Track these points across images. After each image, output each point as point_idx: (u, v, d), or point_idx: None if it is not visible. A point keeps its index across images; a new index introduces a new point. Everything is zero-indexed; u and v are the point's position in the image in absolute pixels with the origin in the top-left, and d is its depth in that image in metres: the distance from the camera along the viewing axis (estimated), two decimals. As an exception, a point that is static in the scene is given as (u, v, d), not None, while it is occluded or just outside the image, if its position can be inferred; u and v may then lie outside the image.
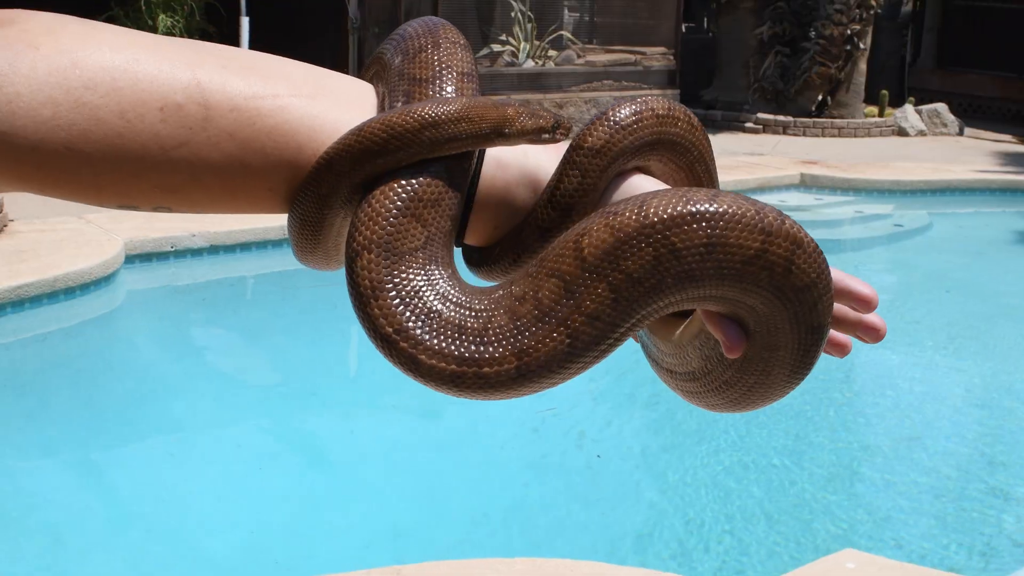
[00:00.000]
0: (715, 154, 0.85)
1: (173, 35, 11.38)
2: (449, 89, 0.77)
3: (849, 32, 14.17)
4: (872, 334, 0.82)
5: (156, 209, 0.76)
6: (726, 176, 10.01)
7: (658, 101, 0.82)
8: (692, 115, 0.83)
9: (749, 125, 14.20)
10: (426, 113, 0.72)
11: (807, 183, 10.73)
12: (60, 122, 0.70)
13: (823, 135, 14.09)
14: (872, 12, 14.38)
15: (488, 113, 0.74)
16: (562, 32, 13.60)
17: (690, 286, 0.71)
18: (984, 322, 7.41)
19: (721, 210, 0.70)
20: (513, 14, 12.96)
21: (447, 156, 0.75)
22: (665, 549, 4.25)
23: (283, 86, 0.75)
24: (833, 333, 0.82)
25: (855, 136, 14.18)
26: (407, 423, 5.49)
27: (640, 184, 0.79)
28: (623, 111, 0.80)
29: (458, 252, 0.80)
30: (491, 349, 0.72)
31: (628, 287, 0.71)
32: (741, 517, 4.49)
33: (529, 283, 0.72)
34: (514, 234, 0.79)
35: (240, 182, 0.75)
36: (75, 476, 4.95)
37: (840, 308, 0.80)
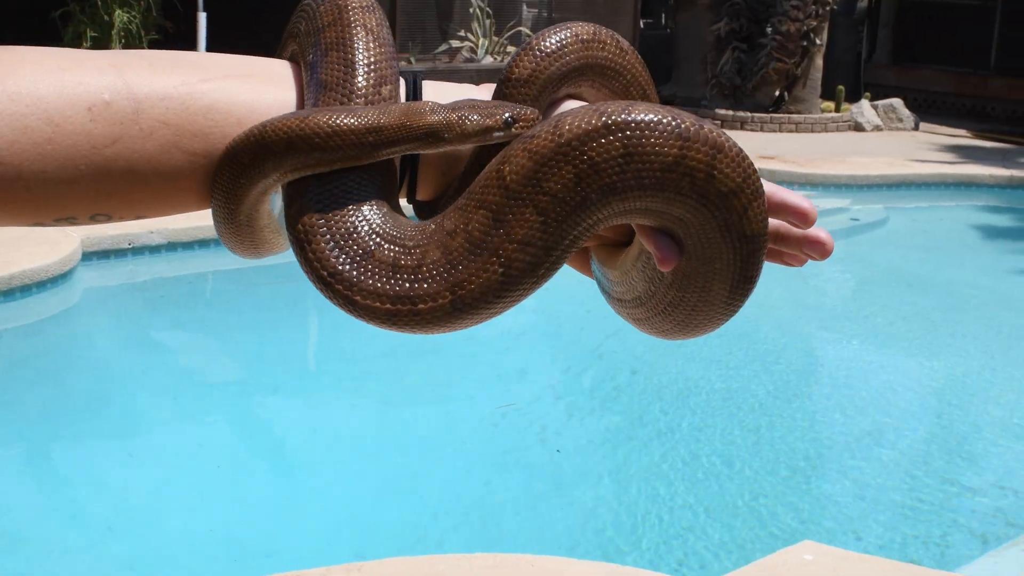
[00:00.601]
0: None
1: (130, 31, 11.35)
2: (360, 58, 0.76)
3: (805, 28, 14.28)
4: (818, 248, 0.79)
5: (94, 219, 0.74)
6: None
7: (583, 27, 0.82)
8: (621, 39, 0.83)
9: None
10: (365, 122, 0.72)
11: (765, 178, 10.63)
12: None
13: (780, 130, 14.19)
14: (828, 8, 14.50)
15: (426, 119, 0.74)
16: (520, 28, 13.62)
17: (614, 199, 0.70)
18: (940, 315, 7.49)
19: (635, 119, 0.69)
20: (472, 10, 12.97)
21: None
22: (625, 543, 4.27)
23: (213, 70, 0.75)
24: (779, 249, 0.81)
25: (812, 131, 14.29)
26: (368, 420, 5.48)
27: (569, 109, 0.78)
28: (547, 40, 0.80)
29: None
30: (425, 286, 0.72)
31: (555, 208, 0.70)
32: (701, 510, 4.51)
33: (459, 216, 0.72)
34: (459, 179, 0.79)
35: (180, 170, 0.73)
36: (33, 476, 4.90)
37: (781, 224, 0.79)
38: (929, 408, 5.96)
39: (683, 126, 0.69)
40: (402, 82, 0.79)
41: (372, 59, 0.76)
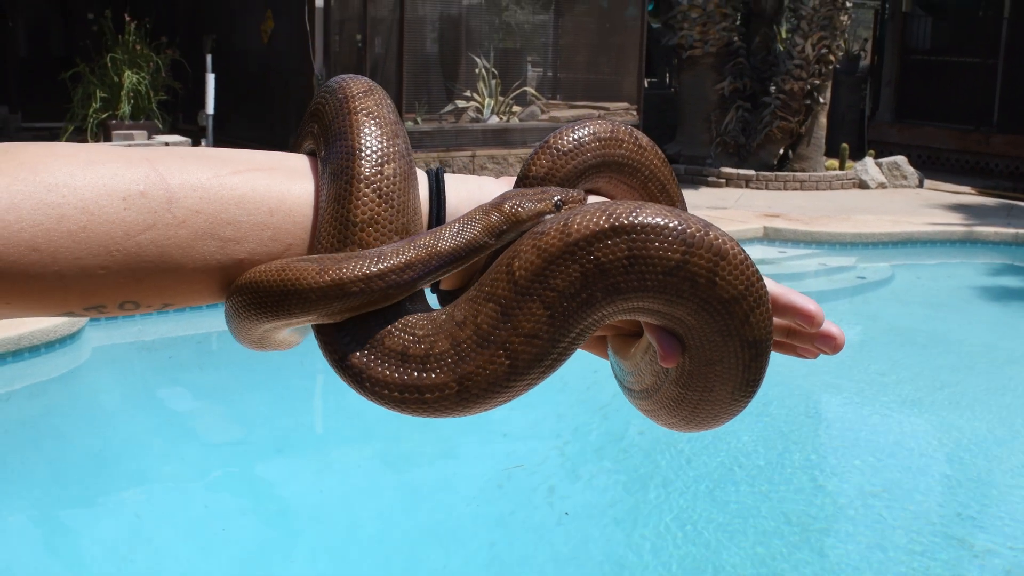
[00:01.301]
0: None
1: (139, 91, 11.45)
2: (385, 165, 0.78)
3: (809, 87, 14.36)
4: (830, 344, 0.81)
5: (123, 307, 0.75)
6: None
7: (601, 125, 0.85)
8: (641, 136, 0.86)
9: (712, 179, 14.32)
10: (440, 251, 0.75)
11: (770, 236, 10.81)
12: (23, 224, 0.70)
13: (785, 188, 14.22)
14: (831, 67, 14.59)
15: (485, 226, 0.76)
16: (526, 88, 13.71)
17: (618, 299, 0.72)
18: (948, 373, 7.46)
19: (640, 222, 0.71)
20: (477, 70, 13.06)
21: None
22: (636, 606, 4.23)
23: (240, 164, 0.77)
24: (792, 343, 0.83)
25: (817, 189, 14.32)
26: (374, 480, 5.45)
27: None
28: (565, 138, 0.83)
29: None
30: (432, 376, 0.74)
31: (561, 303, 0.72)
32: (711, 572, 4.48)
33: (469, 308, 0.74)
34: (481, 271, 0.80)
35: (211, 257, 0.75)
36: (40, 538, 4.87)
37: (790, 325, 0.81)
38: (938, 468, 5.92)
39: (688, 231, 0.71)
40: (424, 177, 0.81)
41: (373, 142, 0.77)
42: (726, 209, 12.02)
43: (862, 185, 14.64)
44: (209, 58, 11.67)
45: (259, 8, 13.91)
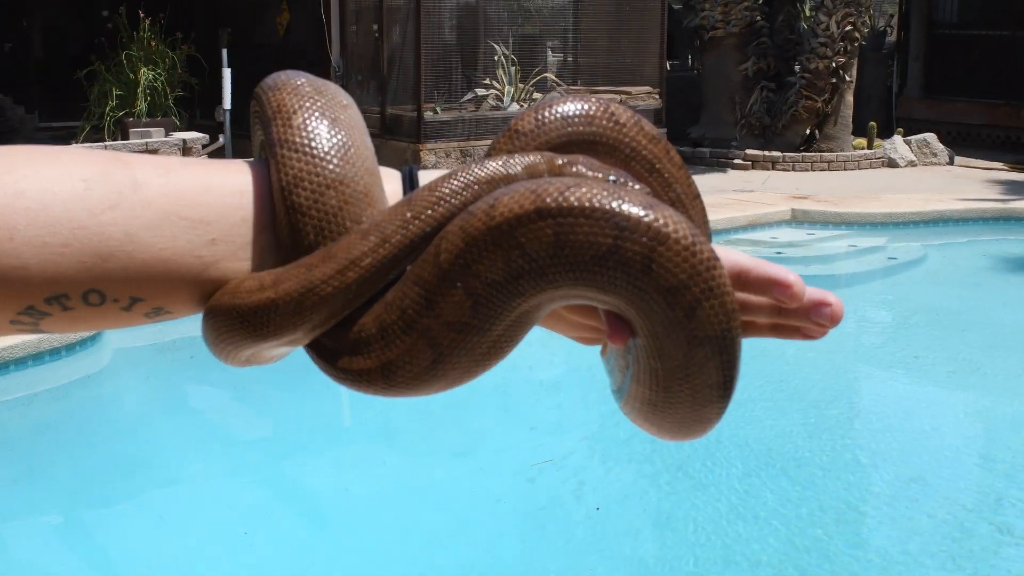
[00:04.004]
0: (703, 191, 0.78)
1: (155, 88, 11.45)
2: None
3: (834, 65, 14.22)
4: (824, 314, 0.72)
5: (87, 298, 0.70)
6: (717, 214, 9.99)
7: (571, 101, 0.78)
8: (618, 110, 0.78)
9: (738, 161, 14.22)
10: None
11: (799, 218, 10.71)
12: None
13: (812, 169, 14.11)
14: (856, 44, 14.44)
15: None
16: (546, 74, 13.64)
17: (548, 287, 0.67)
18: (983, 353, 7.36)
19: (569, 204, 0.65)
20: (497, 58, 12.99)
21: None
22: (668, 603, 4.18)
23: (198, 161, 0.75)
24: (788, 324, 0.75)
25: (845, 169, 14.20)
26: (400, 477, 5.44)
27: None
28: (526, 119, 0.77)
29: None
30: (359, 360, 0.71)
31: (486, 292, 0.67)
32: (745, 563, 4.43)
33: (399, 288, 0.70)
34: None
35: (179, 238, 0.71)
36: (65, 541, 4.88)
37: (773, 303, 0.73)
38: (976, 451, 5.85)
39: (623, 213, 0.64)
40: (397, 175, 0.77)
41: (280, 104, 0.75)
42: (753, 192, 11.92)
43: (891, 164, 14.50)
44: (225, 53, 11.67)
45: (274, 1, 13.91)
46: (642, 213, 0.64)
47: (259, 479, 5.52)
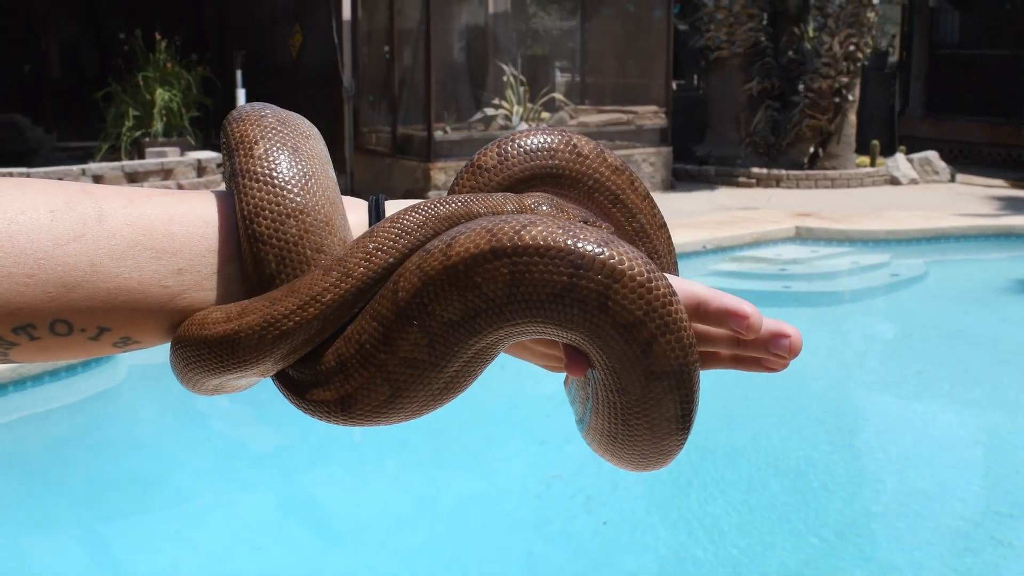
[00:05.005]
0: (709, 208, 0.80)
1: (171, 108, 11.53)
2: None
3: (837, 85, 14.29)
4: (782, 345, 0.71)
5: (54, 328, 0.70)
6: (722, 232, 10.04)
7: (534, 134, 0.78)
8: (581, 143, 0.79)
9: (742, 179, 14.27)
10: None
11: (802, 235, 10.75)
12: None
13: (816, 187, 14.15)
14: (859, 64, 14.51)
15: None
16: (554, 94, 13.70)
17: (504, 325, 0.67)
18: (986, 370, 7.38)
19: (524, 243, 0.65)
20: (505, 78, 13.06)
21: None
22: (676, 614, 4.21)
23: (170, 193, 0.75)
24: (749, 356, 0.74)
25: (848, 187, 14.24)
26: (412, 491, 5.45)
27: None
28: (489, 154, 0.77)
29: None
30: (320, 392, 0.71)
31: (442, 331, 0.67)
32: (750, 577, 4.46)
33: (358, 322, 0.70)
34: None
35: (144, 268, 0.71)
36: (81, 555, 4.91)
37: (731, 334, 0.73)
38: (979, 466, 5.86)
39: (578, 250, 0.65)
40: (364, 205, 0.77)
41: (242, 135, 0.75)
42: (757, 209, 11.97)
43: (894, 181, 14.55)
44: (239, 74, 11.73)
45: (288, 23, 14.00)
46: (597, 250, 0.64)
47: (273, 494, 5.53)
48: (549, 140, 0.78)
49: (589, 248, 0.65)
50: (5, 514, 5.10)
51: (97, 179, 10.09)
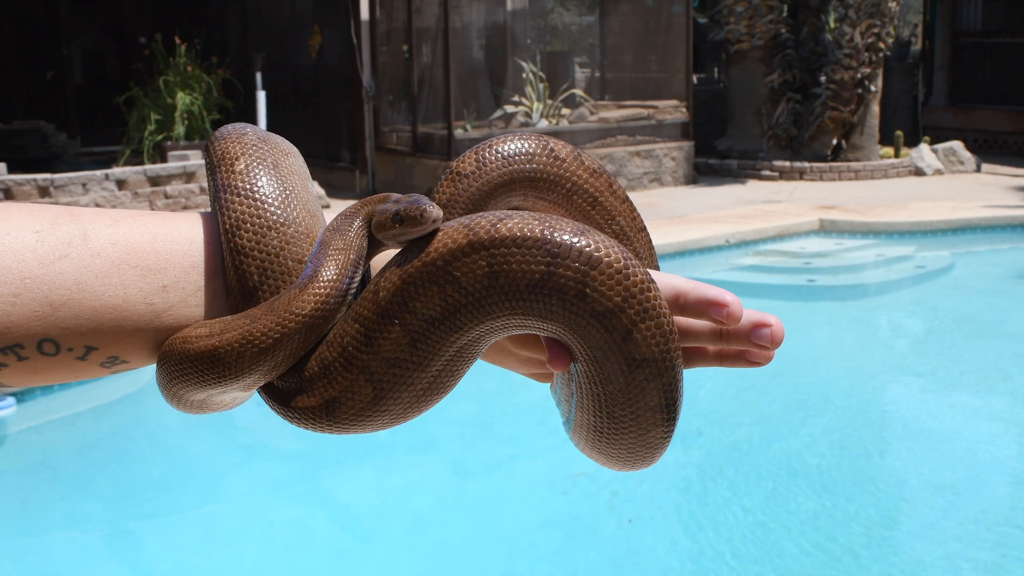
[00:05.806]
0: (732, 202, 0.80)
1: (192, 112, 11.59)
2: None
3: (859, 76, 14.22)
4: (764, 335, 0.72)
5: (41, 348, 0.71)
6: (745, 225, 10.01)
7: (511, 139, 0.79)
8: (558, 147, 0.79)
9: (765, 172, 14.22)
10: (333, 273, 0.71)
11: (827, 228, 10.70)
12: None
13: (840, 179, 14.09)
14: (881, 54, 14.43)
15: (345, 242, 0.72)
16: (574, 90, 13.69)
17: (486, 319, 0.67)
18: (1012, 361, 7.33)
19: (501, 235, 0.65)
20: (525, 75, 13.06)
21: None
22: (702, 611, 4.20)
23: (155, 213, 0.76)
24: (734, 349, 0.74)
25: (872, 178, 14.17)
26: (437, 490, 5.47)
27: None
28: (467, 160, 0.77)
29: None
30: (304, 398, 0.72)
31: (424, 329, 0.68)
32: (776, 574, 4.44)
33: (339, 327, 0.71)
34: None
35: (130, 286, 0.71)
36: (109, 556, 4.93)
37: (714, 326, 0.73)
38: (1007, 460, 5.82)
39: (554, 240, 0.65)
40: None
41: (224, 151, 0.76)
42: (781, 203, 11.92)
43: (918, 172, 14.47)
44: (259, 76, 11.78)
45: (306, 24, 14.04)
46: (574, 239, 0.65)
47: (299, 494, 5.55)
48: (527, 145, 0.78)
49: (565, 237, 0.65)
50: (35, 516, 5.15)
51: (121, 183, 10.13)
